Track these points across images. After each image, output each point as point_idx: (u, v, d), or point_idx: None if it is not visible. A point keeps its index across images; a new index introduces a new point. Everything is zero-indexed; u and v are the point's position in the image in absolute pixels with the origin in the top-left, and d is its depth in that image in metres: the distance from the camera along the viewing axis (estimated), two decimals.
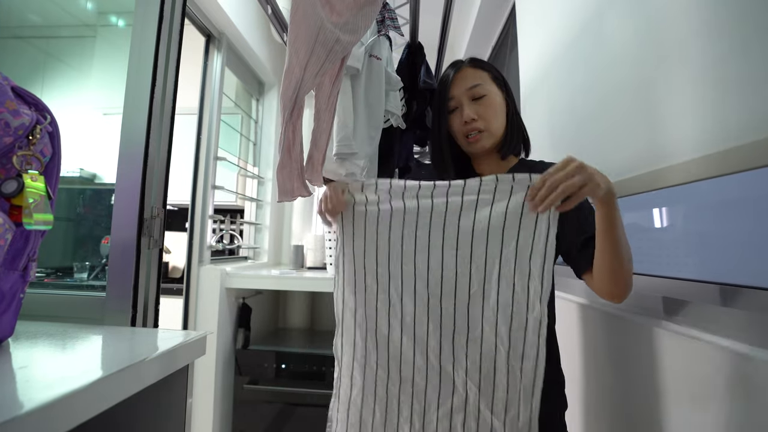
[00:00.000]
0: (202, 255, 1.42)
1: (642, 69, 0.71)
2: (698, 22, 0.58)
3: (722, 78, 0.54)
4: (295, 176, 0.71)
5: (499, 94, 0.77)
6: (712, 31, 0.55)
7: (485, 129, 0.76)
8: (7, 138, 0.52)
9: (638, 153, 0.73)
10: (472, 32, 1.90)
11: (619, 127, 0.79)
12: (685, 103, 0.61)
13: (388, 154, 1.10)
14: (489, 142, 0.76)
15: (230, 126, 1.78)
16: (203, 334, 0.60)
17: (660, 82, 0.66)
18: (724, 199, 0.60)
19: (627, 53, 0.77)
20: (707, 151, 0.55)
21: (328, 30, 0.69)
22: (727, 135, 0.52)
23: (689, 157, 0.59)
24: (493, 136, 0.76)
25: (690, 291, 0.62)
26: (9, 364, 0.46)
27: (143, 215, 0.75)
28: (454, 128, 0.79)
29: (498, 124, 0.76)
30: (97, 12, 1.55)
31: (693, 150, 0.59)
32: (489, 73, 0.78)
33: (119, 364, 0.45)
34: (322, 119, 0.78)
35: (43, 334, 0.59)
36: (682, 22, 0.61)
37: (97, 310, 0.71)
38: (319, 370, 1.39)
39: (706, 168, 0.55)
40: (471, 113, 0.75)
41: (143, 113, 0.78)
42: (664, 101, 0.65)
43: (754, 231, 0.56)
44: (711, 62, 0.55)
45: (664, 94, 0.65)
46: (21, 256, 0.56)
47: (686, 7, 0.60)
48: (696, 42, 0.58)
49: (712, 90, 0.55)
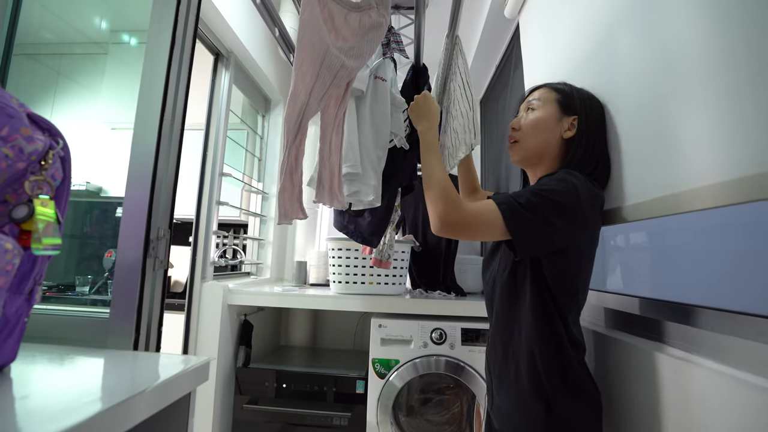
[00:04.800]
0: (205, 271, 1.42)
1: (654, 93, 0.71)
2: (715, 52, 0.58)
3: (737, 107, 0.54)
4: (295, 199, 0.72)
5: (553, 116, 0.77)
6: (729, 58, 0.56)
7: (518, 140, 0.79)
8: (21, 163, 0.52)
9: (648, 177, 0.72)
10: (476, 51, 1.93)
11: (628, 152, 0.79)
12: (698, 132, 0.61)
13: (393, 173, 1.11)
14: (518, 155, 0.79)
15: (236, 142, 1.79)
16: (206, 360, 0.59)
17: (672, 108, 0.66)
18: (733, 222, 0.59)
19: (637, 76, 0.76)
20: (721, 179, 0.54)
21: (333, 55, 0.71)
22: (741, 164, 0.52)
23: (703, 184, 0.58)
24: (523, 150, 0.78)
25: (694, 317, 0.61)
26: (10, 394, 0.45)
27: (149, 236, 0.76)
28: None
29: (534, 141, 0.77)
30: (110, 30, 1.59)
31: (707, 177, 0.57)
32: (558, 94, 0.79)
33: (120, 395, 0.44)
34: (328, 140, 0.79)
35: (45, 359, 0.59)
36: (697, 50, 0.62)
37: (99, 332, 0.71)
38: (321, 390, 1.37)
39: (719, 195, 0.54)
40: (515, 121, 0.80)
41: (153, 135, 0.79)
42: (674, 128, 0.65)
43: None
44: (725, 91, 0.56)
45: (675, 121, 0.65)
46: (27, 280, 0.56)
47: (703, 35, 0.61)
48: (710, 70, 0.59)
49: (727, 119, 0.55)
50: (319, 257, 1.77)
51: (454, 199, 0.66)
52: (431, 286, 1.53)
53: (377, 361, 1.31)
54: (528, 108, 0.80)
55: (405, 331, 1.32)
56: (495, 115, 2.01)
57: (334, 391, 1.37)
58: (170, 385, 0.52)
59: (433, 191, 0.67)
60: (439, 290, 1.50)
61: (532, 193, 0.65)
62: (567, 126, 0.77)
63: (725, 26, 0.54)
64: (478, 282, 1.64)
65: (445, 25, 1.09)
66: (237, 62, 1.60)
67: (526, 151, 0.78)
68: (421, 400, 1.46)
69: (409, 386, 1.35)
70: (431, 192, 0.67)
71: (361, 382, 1.36)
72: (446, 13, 1.06)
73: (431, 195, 0.67)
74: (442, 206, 0.65)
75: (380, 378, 1.30)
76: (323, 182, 0.75)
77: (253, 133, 1.95)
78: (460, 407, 1.44)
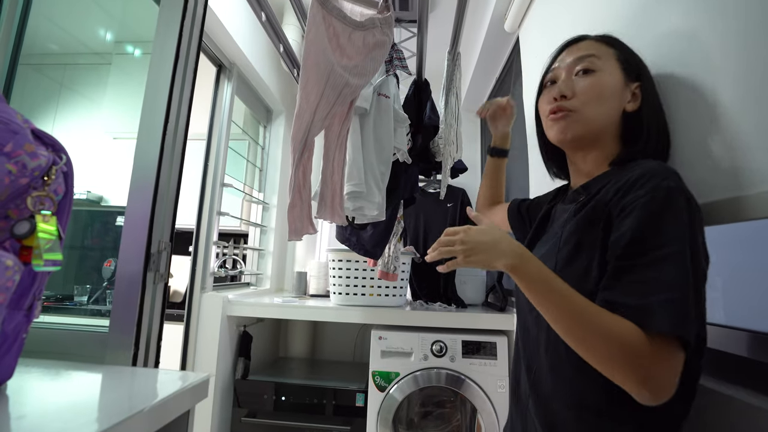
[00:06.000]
0: (204, 281, 1.42)
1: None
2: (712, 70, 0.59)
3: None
4: (305, 216, 0.72)
5: (617, 78, 0.57)
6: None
7: (575, 110, 0.57)
8: (24, 179, 0.52)
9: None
10: (477, 64, 1.95)
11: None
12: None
13: (395, 186, 1.11)
14: (572, 131, 0.57)
15: (237, 152, 1.80)
16: (205, 377, 0.59)
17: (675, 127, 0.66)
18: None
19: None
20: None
21: (338, 74, 0.71)
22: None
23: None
24: (582, 124, 0.57)
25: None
26: (6, 413, 0.45)
27: (150, 249, 0.75)
28: (541, 108, 0.63)
29: (597, 112, 0.56)
30: (114, 41, 1.61)
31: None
32: (616, 50, 0.59)
33: (119, 414, 0.44)
34: (331, 158, 0.79)
35: (43, 375, 0.58)
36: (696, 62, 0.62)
37: (98, 347, 0.70)
38: (320, 402, 1.36)
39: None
40: (564, 88, 0.58)
41: (155, 147, 0.79)
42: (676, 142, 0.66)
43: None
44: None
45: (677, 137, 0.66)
46: (27, 296, 0.56)
47: (699, 50, 0.62)
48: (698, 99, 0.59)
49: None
50: (320, 268, 1.77)
51: (632, 346, 0.40)
52: (432, 298, 1.53)
53: (377, 374, 1.29)
54: (580, 68, 0.58)
55: (405, 343, 1.31)
56: None
57: (333, 403, 1.35)
58: (169, 404, 0.51)
59: (593, 339, 0.42)
60: (439, 302, 1.49)
61: (690, 282, 0.42)
62: (629, 96, 0.58)
63: (725, 43, 0.54)
64: (478, 294, 1.63)
65: (445, 38, 1.10)
66: (239, 74, 1.61)
67: (585, 126, 0.57)
68: (421, 414, 1.44)
69: (409, 399, 1.34)
70: (592, 346, 0.43)
71: (361, 395, 1.34)
72: (446, 26, 1.07)
73: (598, 353, 0.43)
74: (631, 367, 0.41)
75: (380, 391, 1.29)
76: (325, 200, 0.75)
77: (255, 143, 1.96)
78: (461, 421, 1.43)
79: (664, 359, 0.40)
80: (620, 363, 0.41)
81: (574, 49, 0.61)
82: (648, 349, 0.40)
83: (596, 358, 0.43)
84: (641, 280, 0.43)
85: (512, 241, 0.52)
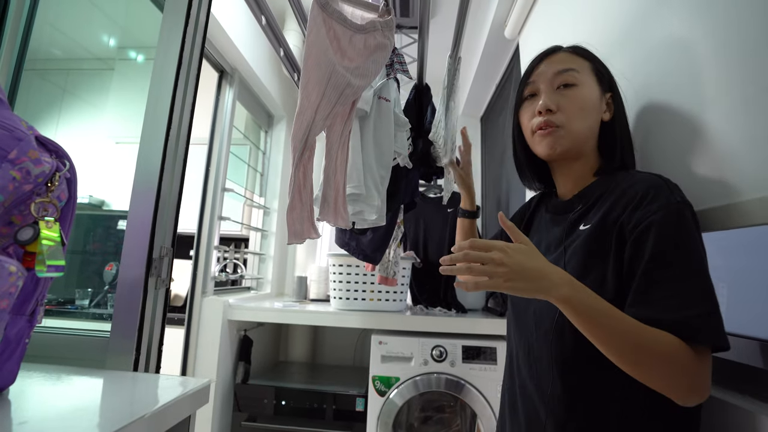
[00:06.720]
0: (205, 286, 1.42)
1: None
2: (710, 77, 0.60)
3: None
4: (305, 218, 0.72)
5: (596, 91, 0.60)
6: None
7: (562, 125, 0.58)
8: (27, 185, 0.53)
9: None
10: (477, 70, 1.96)
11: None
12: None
13: (395, 191, 1.12)
14: (561, 145, 0.59)
15: (238, 157, 1.81)
16: (206, 383, 0.59)
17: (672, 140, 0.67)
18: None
19: (637, 98, 0.76)
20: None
21: (339, 74, 0.72)
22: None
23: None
24: (569, 138, 0.58)
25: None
26: (9, 418, 0.45)
27: (152, 254, 0.76)
28: (522, 121, 0.64)
29: (582, 125, 0.58)
30: (117, 47, 1.62)
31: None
32: (591, 63, 0.62)
33: (120, 421, 0.44)
34: (334, 158, 0.79)
35: (44, 380, 0.58)
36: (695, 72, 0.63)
37: (99, 352, 0.70)
38: (320, 407, 1.35)
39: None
40: (548, 102, 0.59)
41: (158, 153, 0.80)
42: (669, 160, 0.66)
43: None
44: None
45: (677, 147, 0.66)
46: (30, 301, 0.56)
47: (704, 56, 0.62)
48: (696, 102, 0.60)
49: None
50: (320, 272, 1.77)
51: (681, 360, 0.43)
52: (432, 303, 1.52)
53: (377, 379, 1.29)
54: (561, 82, 0.60)
55: (405, 348, 1.31)
56: (495, 133, 2.03)
57: (333, 408, 1.35)
58: (169, 410, 0.51)
59: (645, 359, 0.44)
60: (439, 307, 1.49)
61: (703, 291, 0.45)
62: (605, 106, 0.61)
63: (727, 51, 0.55)
64: (478, 299, 1.63)
65: (445, 44, 1.11)
66: (241, 79, 1.62)
67: (572, 140, 0.59)
68: (421, 419, 1.44)
69: (409, 404, 1.34)
70: (644, 364, 0.44)
71: (361, 400, 1.34)
72: (447, 32, 1.08)
73: (650, 370, 0.45)
74: (683, 378, 0.44)
75: (380, 396, 1.28)
76: (328, 201, 0.75)
77: (256, 148, 1.97)
78: (461, 426, 1.42)
79: (705, 366, 0.44)
80: (672, 376, 0.44)
81: (552, 61, 0.63)
82: (695, 360, 0.43)
83: (647, 375, 0.45)
84: (673, 295, 0.45)
85: (558, 269, 0.48)
